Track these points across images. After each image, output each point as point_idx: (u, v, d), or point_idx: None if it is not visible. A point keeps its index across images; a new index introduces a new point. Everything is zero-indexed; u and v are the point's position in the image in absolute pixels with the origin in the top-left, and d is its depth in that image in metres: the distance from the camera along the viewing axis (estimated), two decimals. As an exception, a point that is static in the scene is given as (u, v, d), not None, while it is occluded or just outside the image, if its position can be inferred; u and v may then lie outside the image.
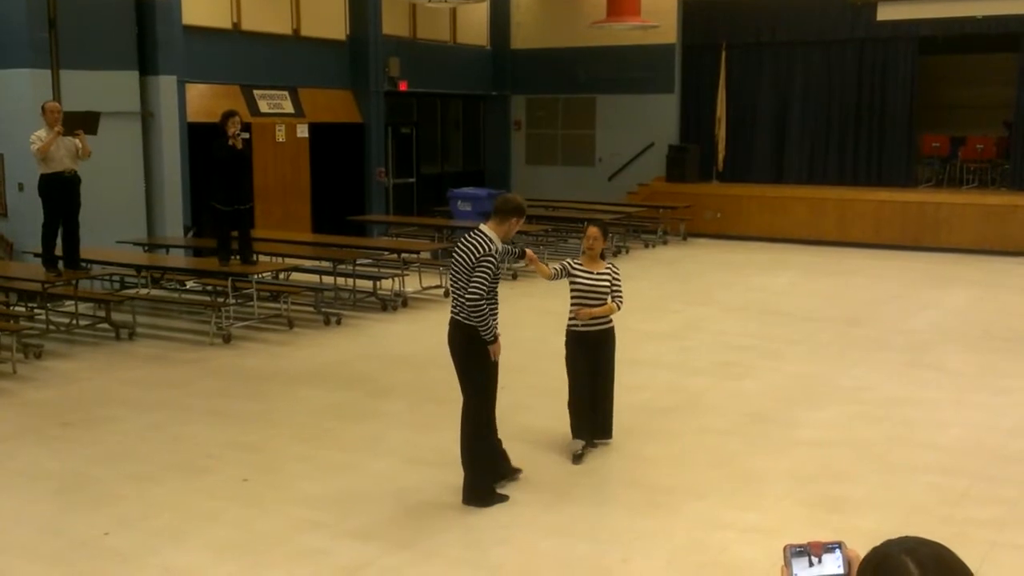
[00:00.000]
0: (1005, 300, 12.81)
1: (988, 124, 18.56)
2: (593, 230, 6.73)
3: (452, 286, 6.04)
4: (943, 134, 18.71)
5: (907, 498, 6.09)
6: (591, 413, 6.71)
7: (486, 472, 6.06)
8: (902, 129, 18.43)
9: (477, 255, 5.76)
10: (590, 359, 6.68)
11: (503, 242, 5.98)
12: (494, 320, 5.91)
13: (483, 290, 5.74)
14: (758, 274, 14.62)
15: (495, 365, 5.99)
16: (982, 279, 14.20)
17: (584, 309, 6.59)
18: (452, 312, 5.98)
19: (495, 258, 5.80)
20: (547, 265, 6.81)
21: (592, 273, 6.66)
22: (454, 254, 5.98)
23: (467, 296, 5.75)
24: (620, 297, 6.67)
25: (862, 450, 6.97)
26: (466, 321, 5.85)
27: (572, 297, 6.68)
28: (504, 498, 6.03)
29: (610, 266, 6.77)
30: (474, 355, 5.92)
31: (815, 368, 9.28)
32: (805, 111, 19.18)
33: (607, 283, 6.64)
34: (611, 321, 6.77)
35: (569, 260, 6.79)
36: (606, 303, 6.62)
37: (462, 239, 5.98)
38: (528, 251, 6.54)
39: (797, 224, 17.72)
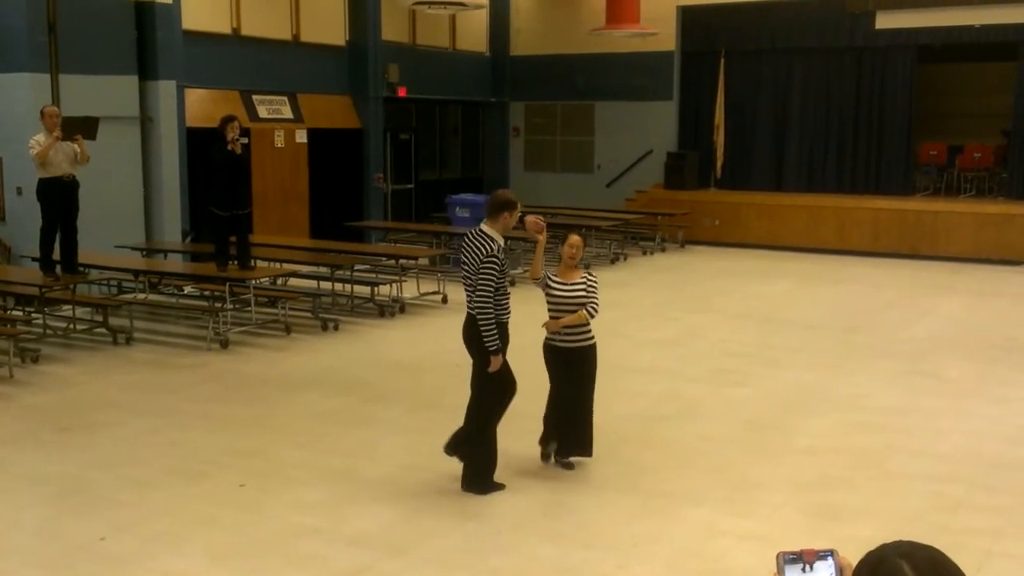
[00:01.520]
0: (1003, 309, 12.82)
1: (986, 133, 18.60)
2: (575, 238, 6.54)
3: (464, 284, 6.23)
4: (941, 142, 18.76)
5: (904, 506, 6.09)
6: (562, 423, 6.65)
7: (487, 462, 6.22)
8: (900, 137, 18.46)
9: (481, 257, 5.97)
10: (562, 373, 6.57)
11: (503, 233, 6.21)
12: (506, 316, 6.13)
13: (489, 295, 5.98)
14: (756, 282, 14.63)
15: (506, 365, 6.19)
16: (980, 288, 14.21)
17: (551, 321, 6.48)
18: (468, 308, 6.18)
19: (498, 259, 6.01)
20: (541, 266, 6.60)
21: (566, 284, 6.47)
22: (461, 253, 6.22)
23: (475, 302, 6.00)
24: (594, 305, 6.46)
25: (860, 458, 6.97)
26: (471, 313, 6.09)
27: (548, 309, 6.54)
28: (501, 486, 6.20)
29: (586, 275, 6.57)
30: (473, 341, 6.16)
31: (813, 376, 9.28)
32: (803, 119, 19.21)
33: (582, 293, 6.45)
34: (590, 337, 6.58)
35: (548, 272, 6.59)
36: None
37: (465, 238, 6.22)
38: (529, 217, 6.41)
39: (795, 232, 17.74)
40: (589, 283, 6.52)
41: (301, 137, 16.64)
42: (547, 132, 21.30)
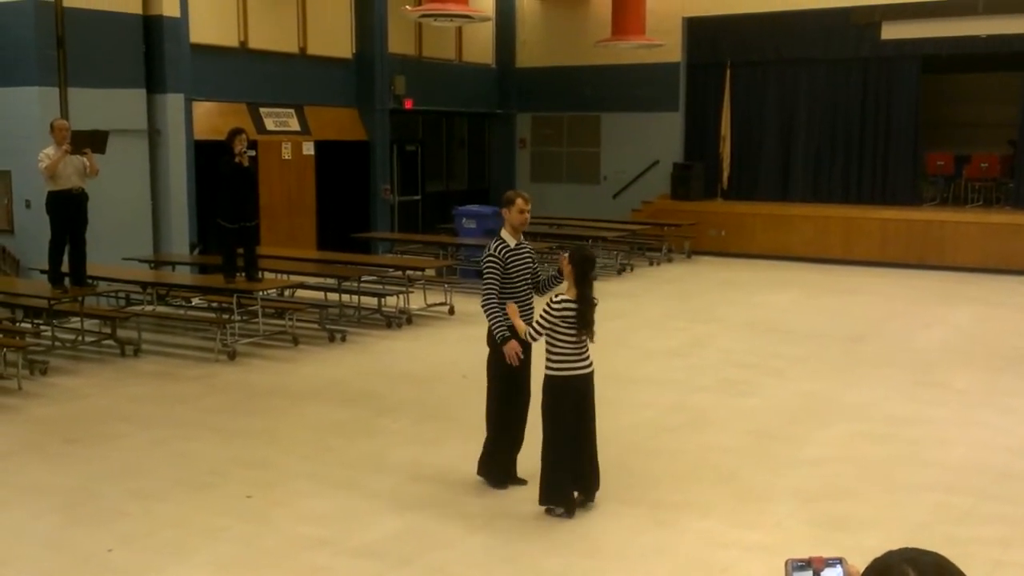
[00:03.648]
0: (1010, 318, 12.79)
1: (992, 142, 18.59)
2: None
3: None
4: (948, 152, 18.74)
5: (912, 517, 6.08)
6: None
7: (493, 451, 6.46)
8: (907, 147, 18.45)
9: (483, 256, 6.30)
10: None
11: (517, 232, 6.37)
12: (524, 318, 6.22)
13: (490, 290, 6.18)
14: (763, 292, 14.62)
15: (515, 374, 6.21)
16: (987, 297, 14.18)
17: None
18: None
19: (495, 257, 6.21)
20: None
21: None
22: None
23: (481, 299, 6.20)
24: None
25: (866, 468, 6.96)
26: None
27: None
28: (503, 484, 6.37)
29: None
30: (491, 358, 6.31)
31: (820, 386, 9.26)
32: (810, 129, 19.21)
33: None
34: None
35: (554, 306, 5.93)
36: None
37: None
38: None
39: (802, 242, 17.73)
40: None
41: (308, 149, 16.69)
42: (553, 143, 21.34)
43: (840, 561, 1.71)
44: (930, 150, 18.74)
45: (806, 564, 1.71)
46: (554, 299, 5.95)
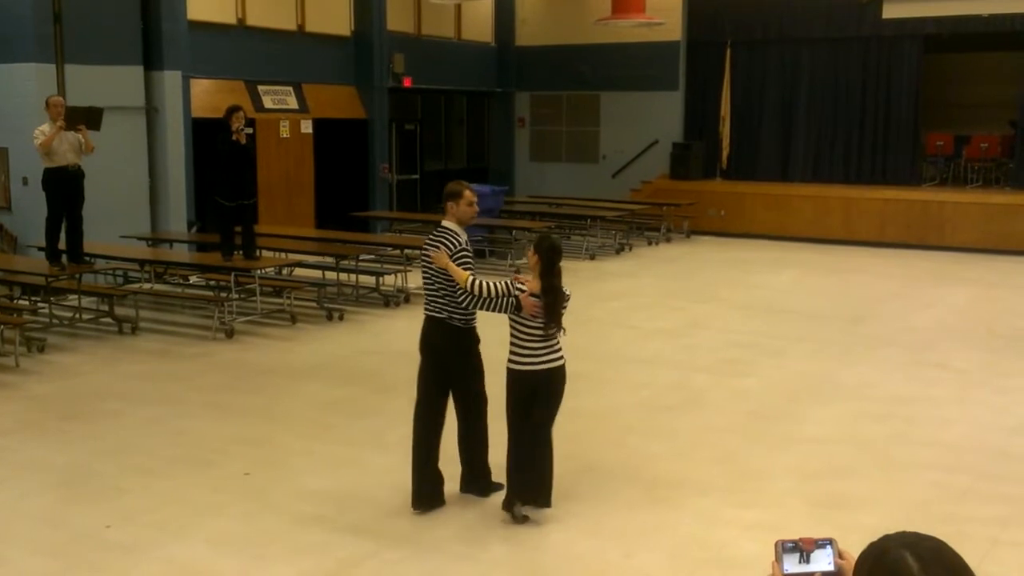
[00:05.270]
0: (1009, 298, 12.78)
1: (993, 123, 18.54)
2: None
3: (425, 285, 5.94)
4: (948, 133, 18.70)
5: (909, 496, 6.09)
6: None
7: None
8: (907, 127, 18.42)
9: (450, 254, 5.69)
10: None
11: (463, 226, 5.85)
12: (474, 321, 5.91)
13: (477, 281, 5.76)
14: (762, 272, 14.61)
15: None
16: (986, 278, 14.18)
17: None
18: (426, 311, 5.95)
19: (468, 250, 5.77)
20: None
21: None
22: (423, 255, 5.91)
23: (463, 291, 5.67)
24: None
25: (865, 447, 6.96)
26: (438, 316, 5.90)
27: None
28: (500, 487, 5.93)
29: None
30: (457, 353, 6.00)
31: (818, 366, 9.27)
32: (810, 109, 19.16)
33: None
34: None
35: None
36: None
37: (429, 239, 5.89)
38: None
39: (801, 222, 17.70)
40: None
41: (306, 127, 16.64)
42: (553, 122, 21.27)
43: (830, 542, 1.70)
44: (930, 130, 18.71)
45: (795, 545, 1.70)
46: (516, 286, 5.61)
